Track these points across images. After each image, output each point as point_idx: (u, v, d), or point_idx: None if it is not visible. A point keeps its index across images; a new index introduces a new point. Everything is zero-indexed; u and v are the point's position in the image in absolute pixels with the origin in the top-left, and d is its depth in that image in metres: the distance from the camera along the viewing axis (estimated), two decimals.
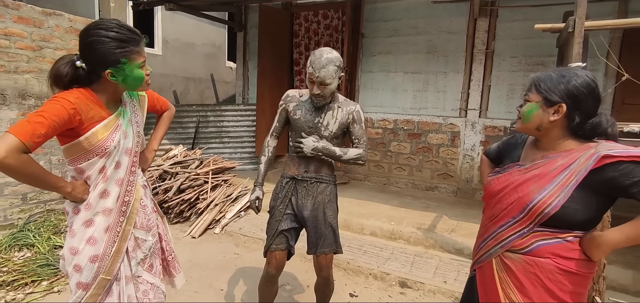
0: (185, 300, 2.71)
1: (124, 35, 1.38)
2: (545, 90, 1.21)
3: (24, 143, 1.22)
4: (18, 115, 3.41)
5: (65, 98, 1.33)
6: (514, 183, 1.26)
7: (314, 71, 1.84)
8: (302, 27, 6.27)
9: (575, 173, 1.14)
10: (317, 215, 2.03)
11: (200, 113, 6.12)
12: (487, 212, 1.37)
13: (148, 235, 1.66)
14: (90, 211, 1.47)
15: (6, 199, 3.38)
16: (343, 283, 3.04)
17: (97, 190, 1.47)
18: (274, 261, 2.05)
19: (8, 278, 2.75)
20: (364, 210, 4.28)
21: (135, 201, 1.60)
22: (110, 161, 1.48)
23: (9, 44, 3.33)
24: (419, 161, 5.22)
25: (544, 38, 4.27)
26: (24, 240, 3.23)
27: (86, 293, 1.50)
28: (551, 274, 1.18)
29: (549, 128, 1.22)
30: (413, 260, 3.39)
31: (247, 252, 3.56)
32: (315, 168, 2.03)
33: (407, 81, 5.24)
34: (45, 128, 1.26)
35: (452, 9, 4.82)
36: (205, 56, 8.81)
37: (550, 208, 1.15)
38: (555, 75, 1.21)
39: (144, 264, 1.65)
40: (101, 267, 1.50)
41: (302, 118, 2.01)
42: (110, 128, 1.45)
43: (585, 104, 1.17)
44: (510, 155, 1.40)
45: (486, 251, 1.33)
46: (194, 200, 4.24)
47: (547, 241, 1.19)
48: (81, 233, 1.47)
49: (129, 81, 1.43)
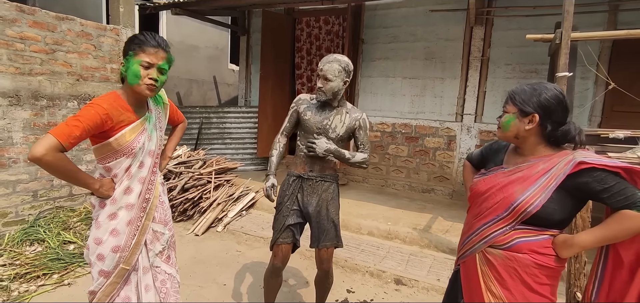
0: (189, 293, 2.84)
1: (141, 37, 1.57)
2: (520, 102, 1.35)
3: (61, 143, 1.40)
4: (31, 115, 3.56)
5: (100, 104, 1.51)
6: (500, 184, 1.39)
7: (321, 64, 2.07)
8: (304, 32, 6.43)
9: (554, 177, 1.28)
10: (321, 211, 2.18)
11: (203, 115, 6.26)
12: (473, 210, 1.50)
13: (165, 228, 1.81)
14: (115, 206, 1.63)
15: (18, 195, 3.52)
16: (341, 280, 3.18)
17: (121, 186, 1.63)
18: (280, 254, 2.20)
19: (21, 270, 2.89)
20: (361, 211, 4.42)
21: (154, 199, 1.75)
22: (135, 161, 1.64)
23: (24, 48, 3.48)
24: (416, 164, 5.36)
25: (536, 47, 4.41)
26: (35, 235, 3.37)
27: (107, 280, 1.65)
28: (528, 268, 1.32)
29: (526, 135, 1.36)
30: (408, 258, 3.52)
31: (248, 250, 3.70)
32: (320, 167, 2.18)
33: (405, 86, 5.39)
34: (80, 130, 1.43)
35: (449, 17, 4.97)
36: (208, 58, 8.96)
37: (532, 207, 1.29)
38: (529, 89, 1.36)
39: (162, 256, 1.80)
40: (122, 257, 1.64)
41: (311, 118, 2.16)
42: (136, 131, 1.61)
43: (556, 114, 1.31)
44: (494, 159, 1.53)
45: (471, 246, 1.46)
46: (197, 199, 4.38)
47: (526, 238, 1.33)
48: (106, 225, 1.62)
49: (129, 74, 1.56)
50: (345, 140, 2.21)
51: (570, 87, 3.20)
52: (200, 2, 5.33)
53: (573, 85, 3.41)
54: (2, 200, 3.42)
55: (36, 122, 3.60)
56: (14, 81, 3.42)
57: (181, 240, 3.83)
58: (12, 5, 3.38)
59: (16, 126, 3.46)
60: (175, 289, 1.85)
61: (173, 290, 1.84)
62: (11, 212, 3.48)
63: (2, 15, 3.30)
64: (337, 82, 2.06)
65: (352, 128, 2.17)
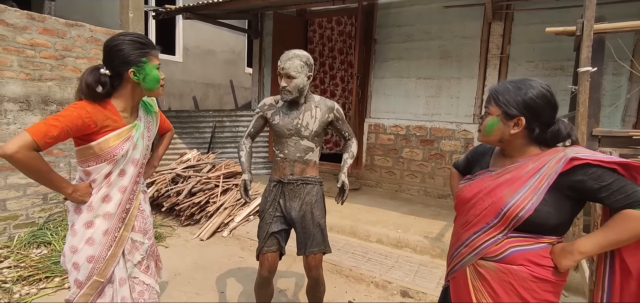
0: (186, 300, 2.78)
1: (142, 40, 1.56)
2: (504, 103, 1.22)
3: (35, 142, 1.35)
4: (41, 120, 3.63)
5: (84, 107, 1.45)
6: (487, 188, 1.26)
7: (281, 63, 1.98)
8: (317, 34, 6.33)
9: (546, 176, 1.16)
10: (305, 215, 2.09)
11: (216, 118, 6.27)
12: (460, 219, 1.36)
13: (145, 238, 1.74)
14: (91, 213, 1.56)
15: (28, 198, 3.59)
16: (343, 290, 3.03)
17: (100, 194, 1.56)
18: (267, 263, 2.11)
19: (24, 273, 2.92)
20: (371, 217, 4.24)
21: (134, 209, 1.68)
22: (116, 168, 1.57)
23: (34, 54, 3.55)
24: (431, 168, 5.12)
25: (562, 41, 4.10)
26: (42, 237, 3.43)
27: (80, 290, 1.58)
28: (525, 282, 1.18)
29: (511, 139, 1.24)
30: (417, 269, 3.32)
31: (251, 256, 3.61)
32: (300, 170, 2.09)
33: (419, 87, 5.17)
34: (58, 130, 1.39)
35: (465, 13, 4.72)
36: (224, 62, 9.03)
37: (524, 211, 1.16)
38: (512, 87, 1.22)
39: (140, 266, 1.72)
40: (95, 268, 1.57)
41: (280, 121, 2.08)
42: (121, 137, 1.56)
43: (543, 114, 1.20)
44: (480, 163, 1.40)
45: (460, 260, 1.32)
46: (204, 203, 4.34)
47: (522, 247, 1.19)
48: (82, 233, 1.56)
49: (148, 80, 1.55)
50: (320, 135, 2.13)
51: (596, 84, 2.92)
52: (211, 6, 5.33)
53: (600, 82, 3.12)
54: (14, 202, 3.50)
55: None
56: (25, 86, 3.50)
57: (185, 245, 3.79)
58: (23, 13, 3.46)
59: None
60: (153, 299, 1.78)
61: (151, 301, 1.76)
62: (22, 215, 3.56)
63: (13, 23, 3.39)
64: (301, 79, 1.98)
65: (326, 121, 2.11)
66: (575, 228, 2.70)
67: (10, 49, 3.39)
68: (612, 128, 3.93)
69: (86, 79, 1.49)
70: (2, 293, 2.71)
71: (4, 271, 2.95)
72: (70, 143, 3.83)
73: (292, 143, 2.07)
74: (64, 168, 3.79)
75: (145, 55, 1.53)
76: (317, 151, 2.15)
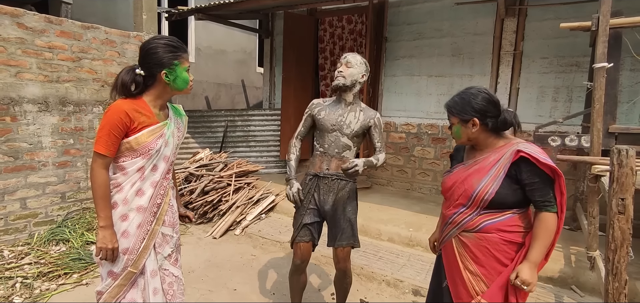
0: (198, 297, 2.82)
1: (175, 44, 1.65)
2: (458, 113, 1.54)
3: (105, 155, 1.57)
4: (59, 120, 3.73)
5: (121, 108, 1.57)
6: (461, 178, 1.59)
7: (344, 55, 2.20)
8: (327, 33, 6.33)
9: (502, 166, 1.48)
10: (337, 209, 2.20)
11: (228, 118, 6.34)
12: (445, 203, 1.69)
13: (173, 231, 1.82)
14: (126, 207, 1.65)
15: (47, 197, 3.70)
16: (355, 288, 3.03)
17: (134, 188, 1.65)
18: (299, 252, 2.23)
19: (44, 269, 3.01)
20: (383, 216, 4.23)
21: (165, 204, 1.76)
22: (149, 163, 1.66)
23: (52, 56, 3.65)
24: (443, 166, 5.08)
25: (577, 37, 4.02)
26: (61, 235, 3.52)
27: (115, 282, 1.66)
28: (497, 245, 1.51)
29: (476, 136, 1.55)
30: (429, 268, 3.30)
31: (263, 254, 3.65)
32: (336, 165, 2.21)
33: (431, 85, 5.13)
34: (111, 137, 1.57)
35: (477, 9, 4.66)
36: (236, 62, 9.10)
37: (488, 195, 1.49)
38: (459, 99, 1.55)
39: (170, 259, 1.80)
40: (129, 260, 1.65)
41: (325, 117, 2.22)
42: (156, 133, 1.65)
43: (490, 110, 1.50)
44: (457, 157, 1.73)
45: (447, 233, 1.65)
46: (217, 201, 4.40)
47: (492, 220, 1.52)
48: (118, 225, 1.64)
49: (178, 81, 1.65)
50: (359, 136, 2.24)
51: (612, 80, 2.86)
52: (223, 7, 5.39)
53: (617, 78, 3.05)
54: (33, 201, 3.61)
55: (64, 127, 3.77)
56: (43, 88, 3.60)
57: (199, 243, 3.85)
58: (41, 16, 3.56)
59: (45, 131, 3.64)
60: (180, 291, 1.86)
61: (179, 292, 1.85)
62: (41, 212, 3.66)
63: (32, 27, 3.49)
64: (357, 70, 2.14)
65: (367, 125, 2.21)
66: (591, 227, 2.66)
67: (29, 51, 3.49)
68: (629, 125, 3.84)
69: (123, 78, 1.61)
70: (24, 288, 2.80)
71: (25, 267, 3.04)
72: (86, 142, 3.93)
73: (332, 138, 2.19)
74: (82, 167, 3.88)
75: (178, 58, 1.63)
76: (354, 152, 2.27)
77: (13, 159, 3.44)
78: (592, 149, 2.70)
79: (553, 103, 4.37)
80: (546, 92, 4.39)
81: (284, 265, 3.35)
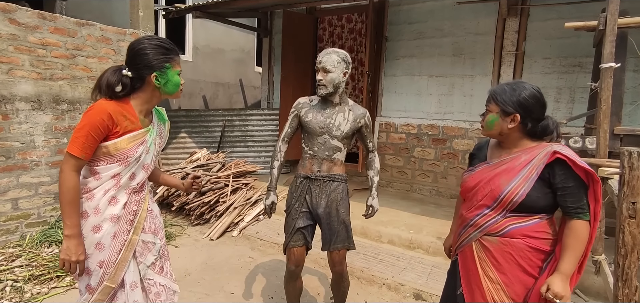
0: (195, 301, 2.75)
1: (167, 45, 1.55)
2: (501, 102, 1.43)
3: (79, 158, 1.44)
4: (52, 119, 3.64)
5: (104, 110, 1.45)
6: (486, 177, 1.48)
7: (319, 58, 2.06)
8: (327, 32, 6.27)
9: (535, 167, 1.39)
10: (331, 212, 2.14)
11: (226, 118, 6.26)
12: (466, 204, 1.58)
13: (156, 238, 1.70)
14: (98, 216, 1.52)
15: (40, 197, 3.61)
16: (355, 292, 2.97)
17: (107, 196, 1.53)
18: (293, 257, 2.16)
19: (36, 272, 2.93)
20: (383, 217, 4.17)
21: (142, 211, 1.65)
22: (127, 170, 1.54)
23: (46, 53, 3.56)
24: (443, 167, 5.02)
25: (580, 37, 3.97)
26: (53, 236, 3.44)
27: (92, 296, 1.55)
28: (522, 252, 1.41)
29: (508, 133, 1.45)
30: (430, 271, 3.24)
31: (261, 256, 3.57)
32: (327, 167, 2.14)
33: (431, 85, 5.07)
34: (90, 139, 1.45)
35: (479, 9, 4.61)
36: (234, 61, 9.02)
37: (518, 197, 1.39)
38: (508, 88, 1.43)
39: (154, 267, 1.69)
40: (106, 273, 1.54)
41: (313, 119, 2.12)
42: (137, 140, 1.54)
43: (535, 111, 1.41)
44: (478, 156, 1.62)
45: (467, 236, 1.54)
46: (214, 202, 4.32)
47: (518, 224, 1.42)
48: (90, 238, 1.52)
49: (169, 85, 1.56)
50: (350, 138, 2.18)
51: (618, 81, 2.81)
52: (221, 5, 5.31)
53: (622, 78, 3.00)
54: (25, 201, 3.52)
55: (57, 126, 3.68)
56: (36, 86, 3.51)
57: (195, 245, 3.77)
58: (34, 12, 3.47)
59: (38, 130, 3.55)
60: (170, 300, 1.75)
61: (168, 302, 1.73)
62: (33, 213, 3.57)
63: (25, 23, 3.40)
64: (336, 73, 2.03)
65: (357, 126, 2.15)
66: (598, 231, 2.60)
67: (22, 48, 3.40)
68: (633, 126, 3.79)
69: (108, 78, 1.48)
70: (14, 291, 2.71)
71: (15, 270, 2.96)
72: None
73: (321, 141, 2.12)
74: None
75: (169, 61, 1.53)
76: (345, 152, 2.20)
77: (4, 158, 3.35)
78: (598, 151, 2.64)
79: (555, 104, 4.32)
80: (548, 93, 4.33)
81: (282, 268, 3.27)
